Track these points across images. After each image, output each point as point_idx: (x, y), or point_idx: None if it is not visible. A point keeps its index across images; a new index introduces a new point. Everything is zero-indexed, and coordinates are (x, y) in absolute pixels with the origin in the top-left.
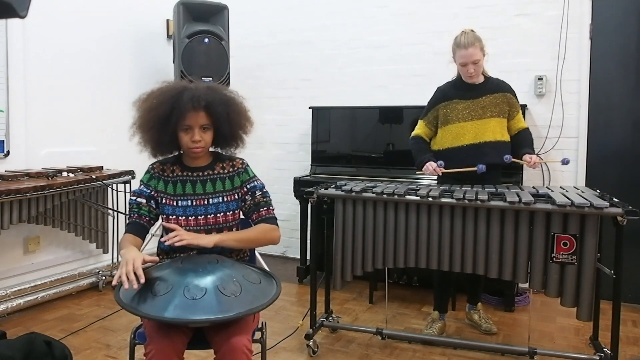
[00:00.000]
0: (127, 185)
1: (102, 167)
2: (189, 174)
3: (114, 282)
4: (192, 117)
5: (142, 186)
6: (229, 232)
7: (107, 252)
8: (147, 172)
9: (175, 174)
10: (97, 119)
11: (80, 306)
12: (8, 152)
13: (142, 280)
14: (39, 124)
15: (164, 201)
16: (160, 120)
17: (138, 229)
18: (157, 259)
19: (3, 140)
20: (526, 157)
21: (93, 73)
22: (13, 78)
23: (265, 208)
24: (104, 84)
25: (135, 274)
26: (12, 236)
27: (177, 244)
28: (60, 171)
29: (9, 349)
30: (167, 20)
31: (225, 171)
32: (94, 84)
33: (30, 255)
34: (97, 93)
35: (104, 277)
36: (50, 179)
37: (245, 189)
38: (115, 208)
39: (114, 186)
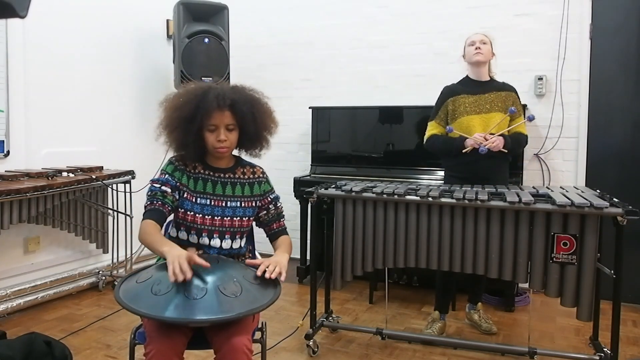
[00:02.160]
0: (127, 185)
1: (102, 167)
2: (211, 173)
3: (172, 279)
4: (218, 116)
5: (167, 175)
6: (283, 249)
7: (107, 252)
8: (171, 163)
9: (197, 171)
10: (97, 119)
11: (80, 306)
12: (8, 152)
13: (189, 276)
14: (39, 124)
15: (184, 195)
16: (185, 119)
17: (160, 217)
18: (208, 264)
19: (3, 140)
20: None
21: (93, 72)
22: (13, 78)
23: (283, 219)
24: (104, 84)
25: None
26: (12, 236)
27: (281, 279)
28: (60, 171)
29: (9, 349)
30: (167, 20)
31: (246, 177)
32: (94, 83)
33: (30, 255)
34: (97, 93)
35: (104, 277)
36: (50, 179)
37: (268, 199)
38: (115, 208)
39: (114, 186)
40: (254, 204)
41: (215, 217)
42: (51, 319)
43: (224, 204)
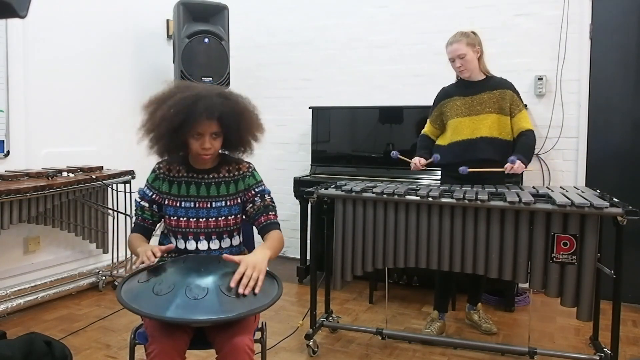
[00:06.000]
0: (127, 185)
1: (102, 167)
2: (195, 175)
3: (137, 264)
4: (204, 125)
5: (146, 188)
6: (267, 244)
7: (107, 252)
8: (153, 171)
9: (180, 175)
10: (97, 119)
11: (80, 306)
12: (8, 152)
13: (158, 255)
14: (39, 124)
15: (166, 202)
16: (172, 129)
17: (142, 230)
18: (172, 245)
19: (3, 140)
20: (507, 165)
21: (93, 73)
22: (13, 78)
23: (273, 212)
24: (104, 84)
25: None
26: (12, 236)
27: (256, 290)
28: (60, 171)
29: (9, 349)
30: (167, 20)
31: (231, 174)
32: (94, 83)
33: (30, 255)
34: (97, 93)
35: (104, 277)
36: (50, 179)
37: (253, 192)
38: (115, 208)
39: (114, 186)
40: (239, 200)
41: (200, 219)
42: (51, 319)
43: (208, 205)
